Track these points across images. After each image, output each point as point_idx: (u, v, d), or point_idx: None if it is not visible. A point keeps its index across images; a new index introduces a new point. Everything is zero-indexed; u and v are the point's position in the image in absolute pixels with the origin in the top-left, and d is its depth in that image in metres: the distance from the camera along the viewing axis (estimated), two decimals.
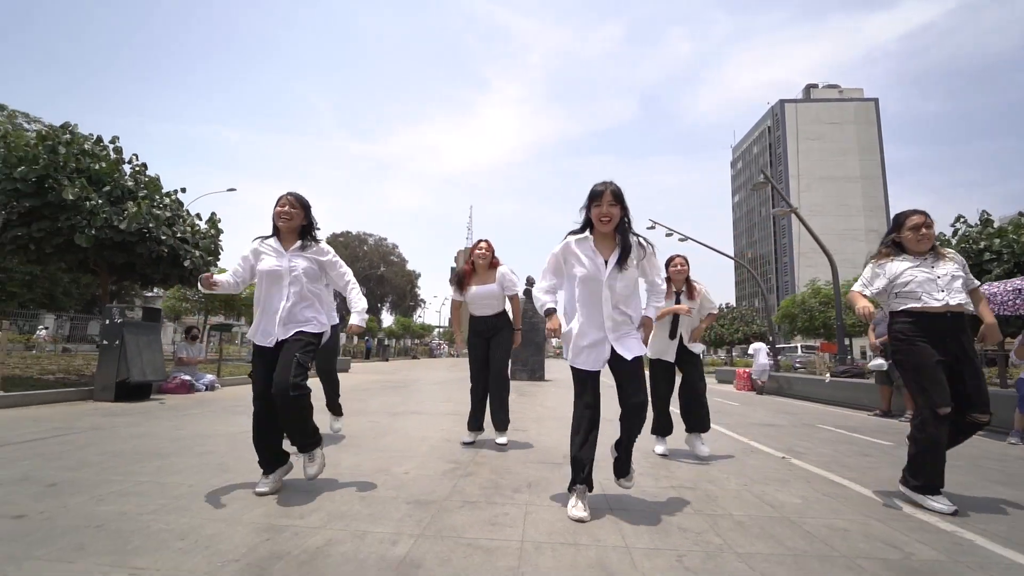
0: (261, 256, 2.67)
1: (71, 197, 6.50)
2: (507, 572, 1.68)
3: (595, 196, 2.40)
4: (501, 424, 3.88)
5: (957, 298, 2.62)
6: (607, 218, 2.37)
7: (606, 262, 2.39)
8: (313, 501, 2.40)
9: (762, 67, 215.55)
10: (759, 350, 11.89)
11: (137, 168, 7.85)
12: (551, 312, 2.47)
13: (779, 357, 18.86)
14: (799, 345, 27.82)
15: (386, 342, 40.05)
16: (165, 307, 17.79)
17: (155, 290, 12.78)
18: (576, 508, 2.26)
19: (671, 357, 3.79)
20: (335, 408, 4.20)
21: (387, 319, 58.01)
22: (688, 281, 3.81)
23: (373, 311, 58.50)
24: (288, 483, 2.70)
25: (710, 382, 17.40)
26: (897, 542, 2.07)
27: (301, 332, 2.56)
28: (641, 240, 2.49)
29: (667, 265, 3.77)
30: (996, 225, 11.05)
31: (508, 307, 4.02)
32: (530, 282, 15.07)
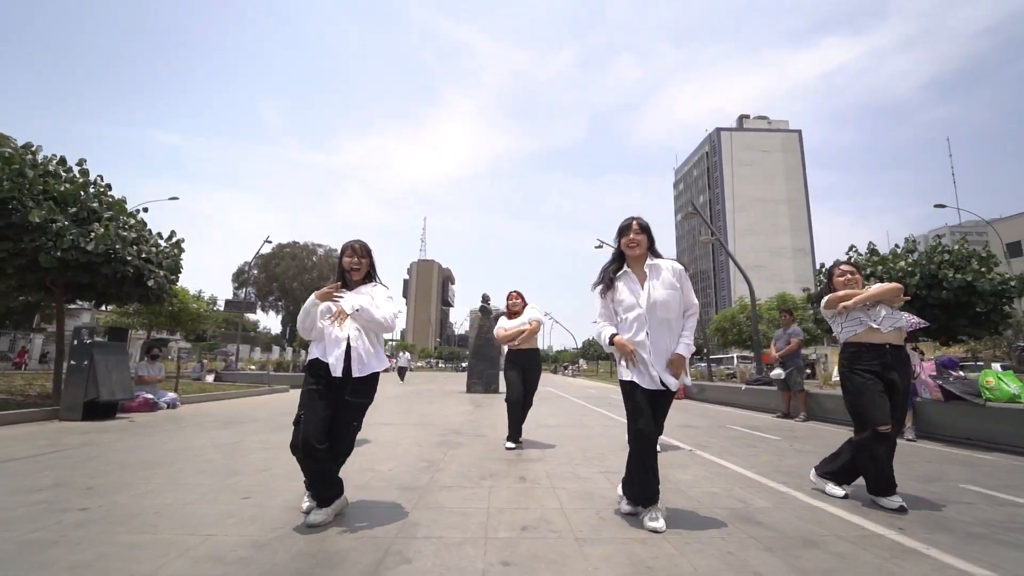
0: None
1: (37, 220, 6.61)
2: (479, 525, 2.43)
3: (624, 230, 2.67)
4: (515, 435, 4.76)
5: (894, 335, 3.00)
6: (634, 244, 2.62)
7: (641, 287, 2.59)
8: None
9: (702, 96, 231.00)
10: None
11: (101, 189, 7.97)
12: (614, 336, 2.60)
13: (713, 367, 20.62)
14: (735, 356, 30.20)
15: None
16: (105, 322, 17.00)
17: (78, 303, 12.34)
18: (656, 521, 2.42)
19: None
20: None
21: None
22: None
23: None
24: (297, 476, 3.30)
25: None
26: (745, 499, 3.01)
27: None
28: (678, 268, 2.64)
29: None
30: (881, 254, 13.12)
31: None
32: (485, 299, 15.84)
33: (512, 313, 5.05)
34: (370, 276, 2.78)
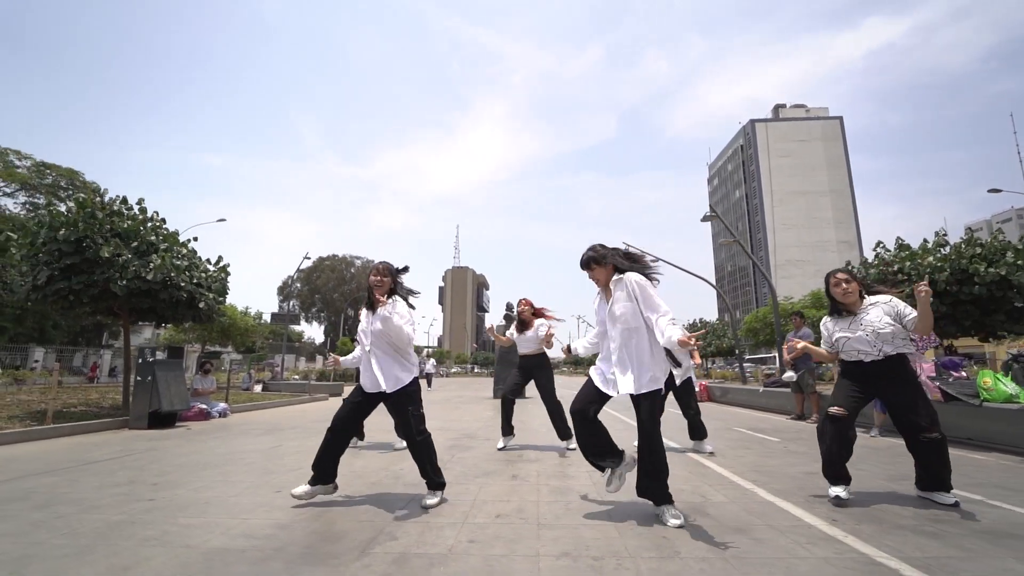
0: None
1: (107, 255, 7.63)
2: (462, 514, 2.91)
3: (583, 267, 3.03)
4: (564, 434, 5.13)
5: (886, 349, 3.08)
6: (594, 280, 3.02)
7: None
8: (339, 491, 3.59)
9: (734, 86, 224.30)
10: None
11: (157, 224, 9.01)
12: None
13: (747, 368, 20.31)
14: (766, 356, 29.43)
15: None
16: (164, 339, 18.60)
17: (140, 323, 13.71)
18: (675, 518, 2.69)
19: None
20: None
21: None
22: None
23: None
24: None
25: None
26: (706, 495, 3.35)
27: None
28: (632, 281, 2.82)
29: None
30: (911, 249, 12.74)
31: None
32: (509, 307, 16.36)
33: (521, 322, 5.44)
34: (393, 291, 3.24)
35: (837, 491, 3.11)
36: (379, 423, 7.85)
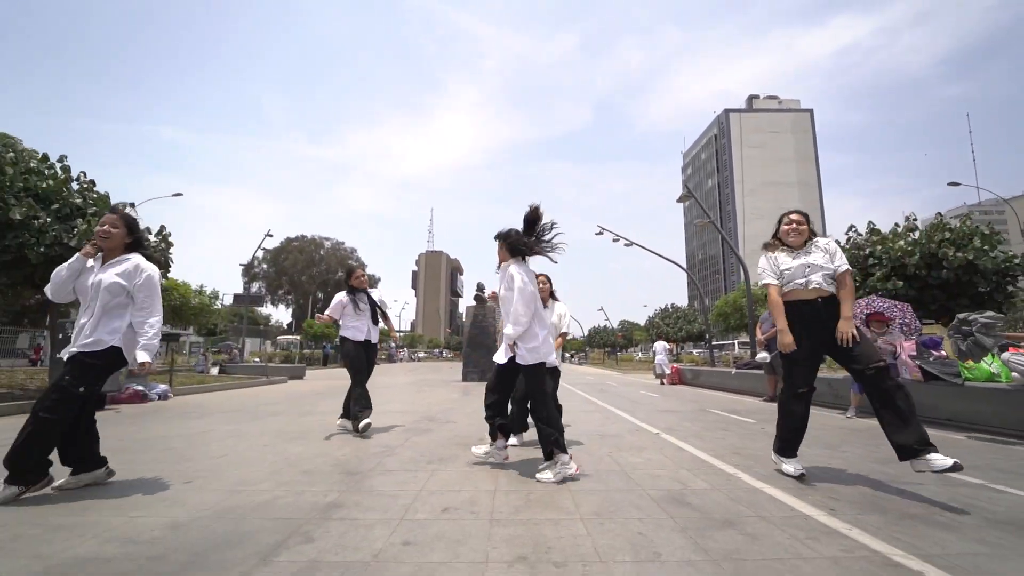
0: None
1: (18, 216, 6.71)
2: (401, 507, 2.43)
3: None
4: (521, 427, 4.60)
5: (827, 285, 2.91)
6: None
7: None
8: (266, 477, 3.05)
9: (710, 77, 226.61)
10: (659, 349, 13.67)
11: (85, 185, 8.05)
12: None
13: (716, 353, 20.46)
14: (736, 342, 29.93)
15: None
16: None
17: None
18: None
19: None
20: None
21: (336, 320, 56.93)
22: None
23: None
24: (250, 462, 3.33)
25: (646, 376, 18.54)
26: (685, 481, 2.96)
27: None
28: (507, 271, 3.26)
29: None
30: (882, 233, 12.80)
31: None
32: (480, 288, 15.82)
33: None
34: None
35: (789, 467, 3.02)
36: (331, 407, 7.29)
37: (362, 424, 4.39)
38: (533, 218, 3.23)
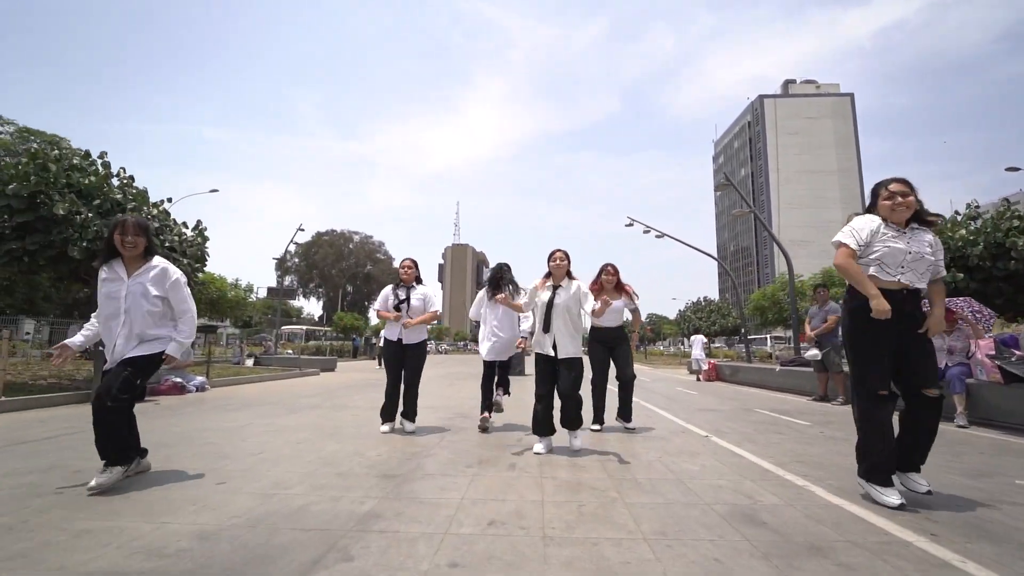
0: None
1: (62, 212, 6.86)
2: (444, 519, 2.25)
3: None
4: (627, 415, 4.75)
5: (917, 280, 2.50)
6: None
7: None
8: (300, 479, 2.93)
9: (743, 62, 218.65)
10: (695, 342, 13.10)
11: (125, 181, 8.20)
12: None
13: (751, 348, 19.70)
14: (768, 336, 28.86)
15: (373, 340, 40.26)
16: None
17: None
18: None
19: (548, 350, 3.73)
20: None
21: (374, 318, 58.06)
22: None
23: (360, 310, 58.57)
24: (285, 460, 3.22)
25: (677, 371, 18.04)
26: (753, 494, 2.68)
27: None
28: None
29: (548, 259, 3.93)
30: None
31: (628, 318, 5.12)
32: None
33: (601, 288, 4.74)
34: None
35: (893, 498, 2.45)
36: (364, 400, 7.25)
37: (407, 428, 4.50)
38: None
